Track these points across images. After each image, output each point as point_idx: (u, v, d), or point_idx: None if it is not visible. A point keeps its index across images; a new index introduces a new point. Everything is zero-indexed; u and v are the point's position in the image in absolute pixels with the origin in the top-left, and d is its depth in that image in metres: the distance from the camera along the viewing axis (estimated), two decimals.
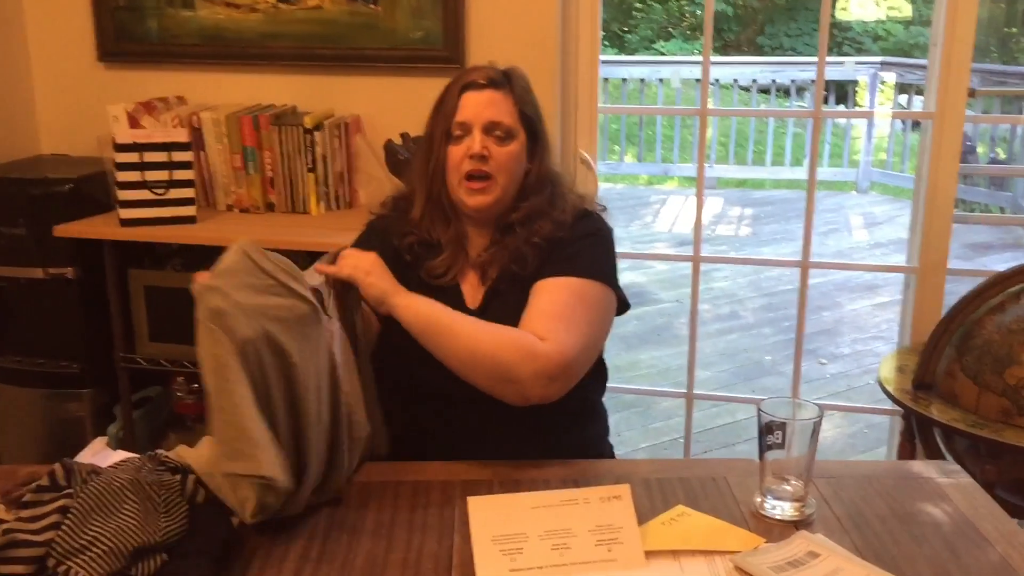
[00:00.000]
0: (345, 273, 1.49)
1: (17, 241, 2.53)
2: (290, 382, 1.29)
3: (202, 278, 1.26)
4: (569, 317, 1.48)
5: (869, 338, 4.92)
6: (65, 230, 2.46)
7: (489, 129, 1.56)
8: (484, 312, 1.59)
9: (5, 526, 1.10)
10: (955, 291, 2.40)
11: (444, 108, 1.60)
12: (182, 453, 1.34)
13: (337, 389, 1.38)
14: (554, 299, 1.51)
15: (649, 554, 1.20)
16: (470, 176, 1.57)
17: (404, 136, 2.53)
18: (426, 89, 1.69)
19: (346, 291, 1.52)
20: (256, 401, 1.24)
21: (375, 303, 1.50)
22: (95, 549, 1.08)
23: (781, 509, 1.31)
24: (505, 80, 1.60)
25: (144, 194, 2.43)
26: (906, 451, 2.41)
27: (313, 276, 1.47)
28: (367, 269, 1.51)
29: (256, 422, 1.23)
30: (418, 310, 1.48)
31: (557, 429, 1.55)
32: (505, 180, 1.58)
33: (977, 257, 5.99)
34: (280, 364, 1.28)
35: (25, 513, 1.12)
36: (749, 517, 1.31)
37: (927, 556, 1.22)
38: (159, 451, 1.32)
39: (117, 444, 2.60)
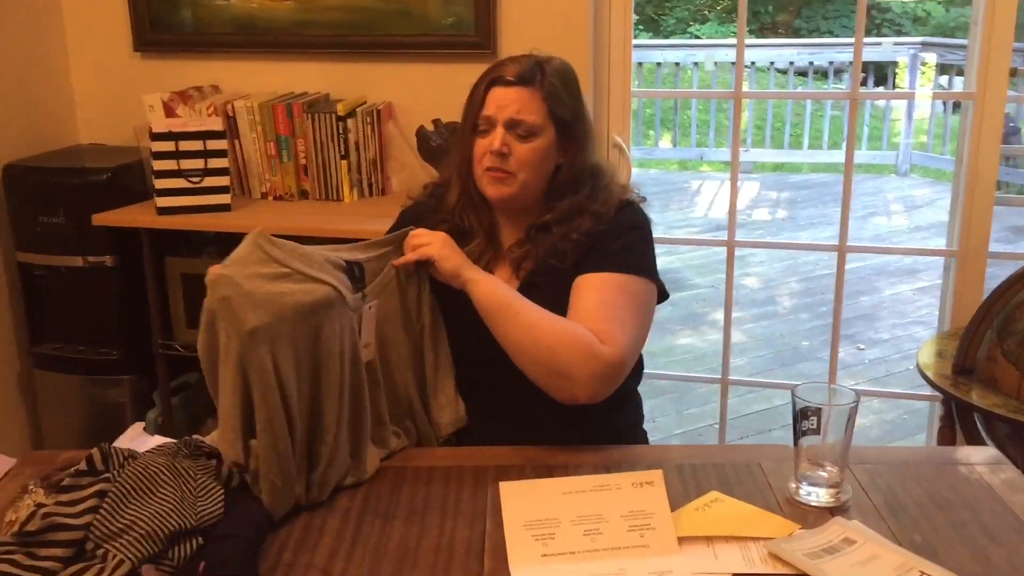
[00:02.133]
0: (423, 253, 1.51)
1: (57, 230, 2.57)
2: (314, 366, 1.31)
3: (214, 268, 1.28)
4: (621, 317, 1.48)
5: (909, 323, 4.86)
6: (103, 219, 2.49)
7: (511, 126, 1.55)
8: None
9: (44, 510, 1.12)
10: (996, 275, 2.36)
11: (473, 101, 1.60)
12: (216, 439, 1.36)
13: (358, 369, 1.39)
14: (604, 297, 1.50)
15: (682, 540, 1.20)
16: (489, 170, 1.57)
17: (436, 122, 2.53)
18: (458, 75, 1.69)
19: (413, 270, 1.54)
20: (256, 392, 1.26)
21: (449, 277, 1.51)
22: (133, 532, 1.10)
23: (816, 495, 1.29)
24: (537, 74, 1.57)
25: (180, 183, 2.45)
26: (946, 437, 2.37)
27: (357, 251, 1.46)
28: (440, 244, 1.52)
29: (239, 410, 1.27)
30: (490, 288, 1.49)
31: (591, 415, 1.54)
32: (526, 176, 1.57)
33: (1019, 240, 5.87)
34: (297, 348, 1.29)
35: (64, 497, 1.14)
36: (784, 503, 1.30)
37: (966, 543, 1.20)
38: (195, 436, 1.34)
39: (156, 430, 2.64)
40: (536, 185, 1.59)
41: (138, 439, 1.48)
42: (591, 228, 1.57)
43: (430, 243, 1.52)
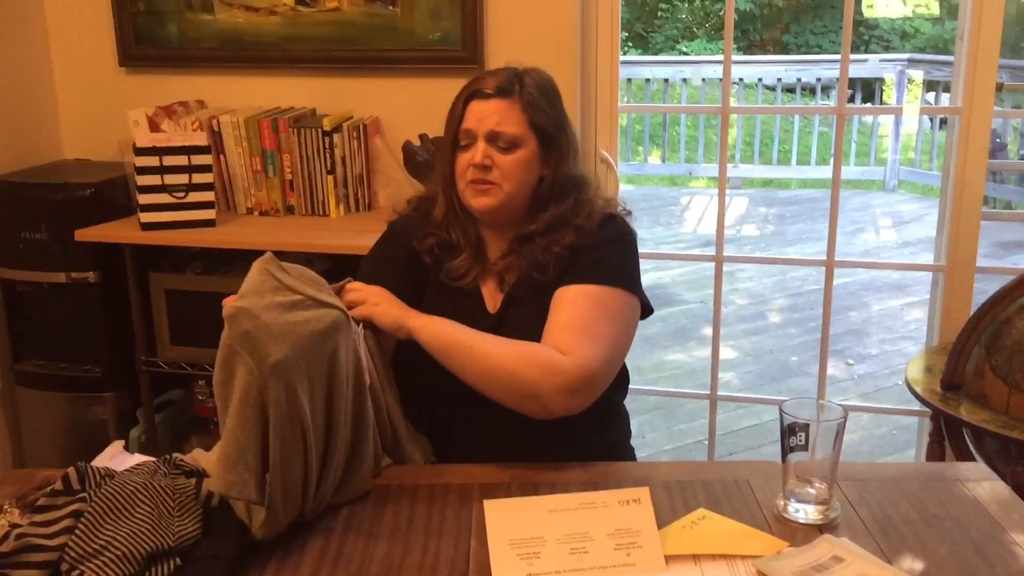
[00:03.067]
0: (358, 313, 1.47)
1: (40, 246, 2.55)
2: (329, 390, 1.30)
3: (231, 301, 1.26)
4: (592, 329, 1.46)
5: (897, 338, 4.86)
6: (86, 234, 2.47)
7: (492, 138, 1.55)
8: (503, 317, 1.57)
9: (19, 531, 1.10)
10: (984, 290, 2.36)
11: (452, 115, 1.59)
12: (198, 457, 1.34)
13: (362, 390, 1.37)
14: (576, 310, 1.49)
15: (669, 558, 1.18)
16: (472, 183, 1.56)
17: (423, 137, 2.52)
18: (444, 90, 1.68)
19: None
20: (273, 426, 1.23)
21: (391, 330, 1.49)
22: (108, 553, 1.08)
23: (805, 512, 1.28)
24: (516, 86, 1.57)
25: (164, 198, 2.43)
26: (935, 453, 2.37)
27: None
28: (375, 300, 1.50)
29: (256, 448, 1.23)
30: (436, 330, 1.47)
31: (577, 432, 1.53)
32: (510, 187, 1.56)
33: (1006, 255, 5.89)
34: (318, 375, 1.27)
35: (39, 517, 1.12)
36: (772, 521, 1.29)
37: (955, 560, 1.19)
38: (175, 454, 1.32)
39: (139, 447, 2.61)
40: (520, 196, 1.58)
41: (118, 457, 1.46)
42: (573, 241, 1.56)
43: (364, 300, 1.49)
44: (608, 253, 1.56)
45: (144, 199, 2.43)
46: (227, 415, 1.24)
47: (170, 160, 2.43)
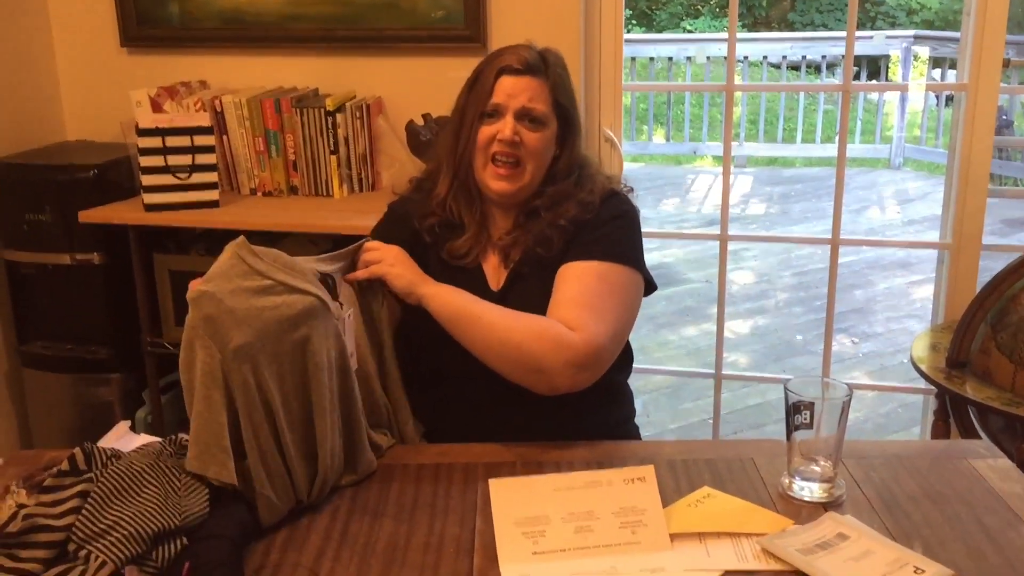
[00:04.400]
0: (373, 271, 1.50)
1: (43, 227, 2.55)
2: (302, 377, 1.29)
3: (196, 284, 1.26)
4: (598, 305, 1.47)
5: (903, 316, 4.85)
6: (90, 216, 2.47)
7: (522, 115, 1.54)
8: (507, 294, 1.57)
9: (26, 511, 1.10)
10: (990, 267, 2.35)
11: (479, 88, 1.57)
12: (195, 460, 1.33)
13: (348, 375, 1.37)
14: (582, 286, 1.49)
15: (674, 536, 1.19)
16: (496, 159, 1.55)
17: (426, 117, 2.51)
18: (448, 69, 1.68)
19: (369, 283, 1.52)
20: (241, 410, 1.24)
21: (403, 294, 1.51)
22: (115, 533, 1.08)
23: (809, 490, 1.28)
24: (542, 65, 1.57)
25: (167, 179, 2.43)
26: (940, 430, 2.37)
27: (322, 263, 1.46)
28: (391, 261, 1.52)
29: (226, 430, 1.23)
30: (446, 299, 1.48)
31: (581, 411, 1.53)
32: (533, 167, 1.57)
33: (1013, 233, 5.87)
34: (289, 361, 1.27)
35: (46, 498, 1.12)
36: (777, 499, 1.29)
37: (960, 537, 1.19)
38: (181, 435, 1.32)
39: (145, 428, 2.62)
40: (539, 176, 1.59)
41: (124, 438, 1.46)
42: (577, 215, 1.56)
43: (381, 259, 1.52)
44: (612, 230, 1.56)
45: (147, 180, 2.43)
46: (192, 397, 1.25)
47: (173, 141, 2.42)
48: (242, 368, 1.23)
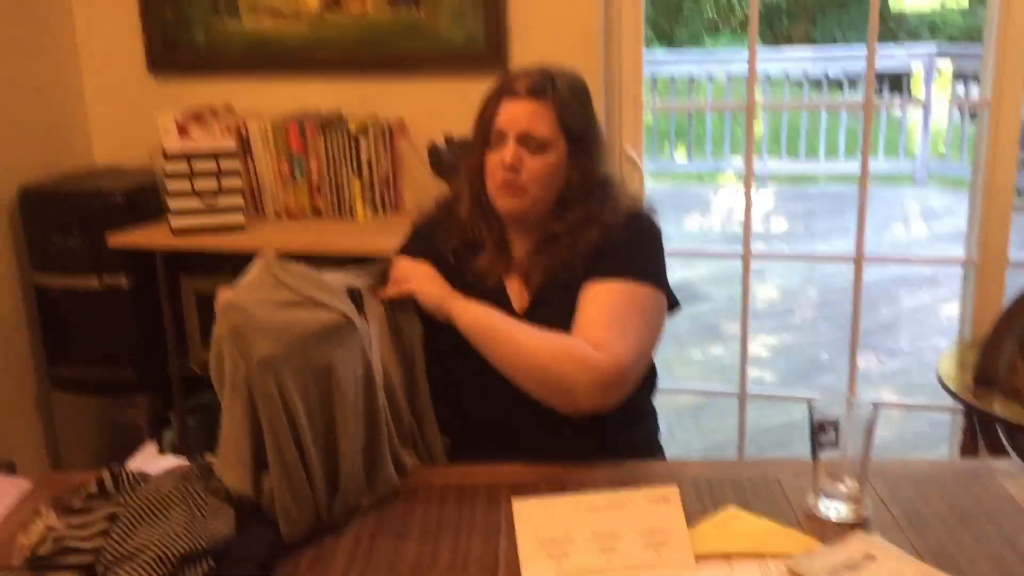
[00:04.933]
0: (403, 289, 1.53)
1: (72, 251, 2.58)
2: (326, 392, 1.30)
3: (225, 294, 1.27)
4: (623, 324, 1.47)
5: (930, 333, 4.81)
6: (118, 240, 2.50)
7: (523, 140, 1.55)
8: (531, 315, 1.57)
9: (55, 533, 1.11)
10: (1016, 283, 2.33)
11: (484, 114, 1.59)
12: (219, 468, 1.34)
13: (373, 393, 1.38)
14: (606, 306, 1.49)
15: (699, 558, 1.18)
16: (501, 185, 1.56)
17: (448, 138, 2.52)
18: (469, 91, 1.68)
19: (399, 299, 1.54)
20: (264, 422, 1.25)
21: (433, 309, 1.52)
22: (143, 556, 1.09)
23: (836, 510, 1.27)
24: (548, 88, 1.56)
25: (194, 203, 2.46)
26: (969, 449, 2.34)
27: (351, 278, 1.47)
28: (421, 278, 1.54)
29: (247, 442, 1.25)
30: (475, 316, 1.49)
31: (605, 430, 1.53)
32: (536, 190, 1.56)
33: None
34: (313, 376, 1.28)
35: (75, 520, 1.13)
36: (803, 519, 1.28)
37: (990, 558, 1.18)
38: (208, 457, 1.33)
39: (172, 450, 2.64)
40: (546, 198, 1.58)
41: (151, 459, 1.48)
42: (600, 239, 1.56)
43: (411, 277, 1.55)
44: (636, 249, 1.57)
45: (174, 204, 2.46)
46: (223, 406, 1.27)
47: (199, 165, 2.46)
48: (266, 380, 1.24)
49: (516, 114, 1.55)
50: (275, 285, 1.30)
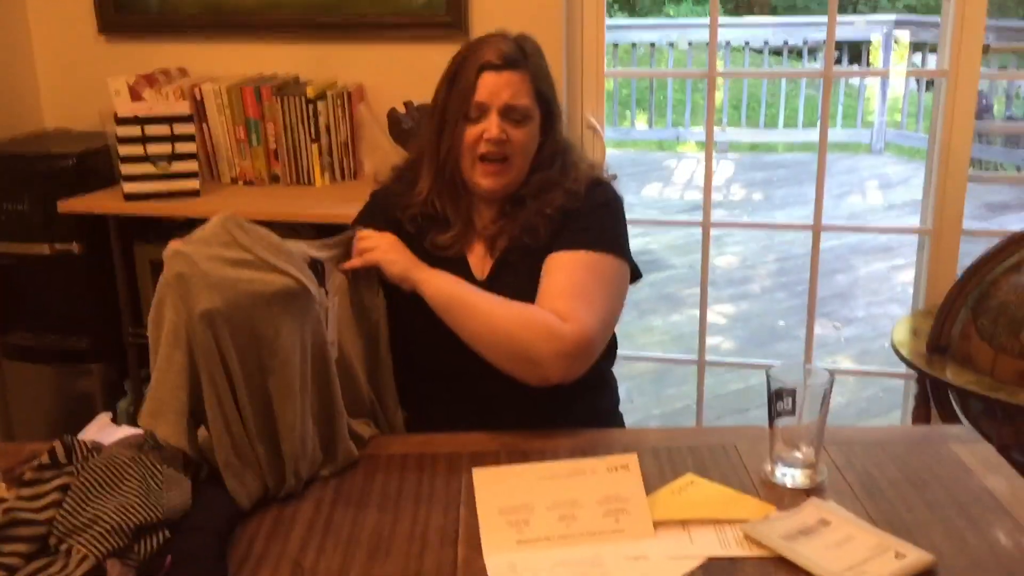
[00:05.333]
0: (368, 259, 1.51)
1: (22, 217, 2.52)
2: (265, 355, 1.28)
3: (175, 244, 1.26)
4: (587, 295, 1.47)
5: (884, 301, 4.88)
6: (69, 206, 2.45)
7: (506, 112, 1.53)
8: (493, 282, 1.57)
9: (5, 505, 1.09)
10: (971, 252, 2.36)
11: (460, 86, 1.55)
12: (146, 417, 1.32)
13: (327, 363, 1.37)
14: (570, 276, 1.49)
15: (657, 524, 1.19)
16: (484, 158, 1.54)
17: (408, 104, 2.49)
18: (429, 56, 1.66)
19: (364, 272, 1.53)
20: (204, 375, 1.24)
21: (398, 280, 1.51)
22: (97, 527, 1.07)
23: (792, 477, 1.29)
24: (521, 57, 1.56)
25: (147, 168, 2.41)
26: (921, 415, 2.38)
27: (314, 249, 1.45)
28: (386, 248, 1.53)
29: (185, 393, 1.24)
30: (440, 286, 1.48)
31: (565, 400, 1.53)
32: (521, 161, 1.56)
33: (993, 217, 5.91)
34: (250, 337, 1.26)
35: (26, 491, 1.11)
36: (759, 485, 1.29)
37: (941, 522, 1.20)
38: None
39: (127, 419, 2.61)
40: (526, 168, 1.58)
41: (105, 430, 1.45)
42: (564, 204, 1.56)
43: (375, 247, 1.53)
44: (598, 219, 1.56)
45: (127, 169, 2.41)
46: (156, 355, 1.26)
47: (152, 130, 2.40)
48: (206, 333, 1.22)
49: (498, 86, 1.53)
50: (228, 243, 1.28)
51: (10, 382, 2.74)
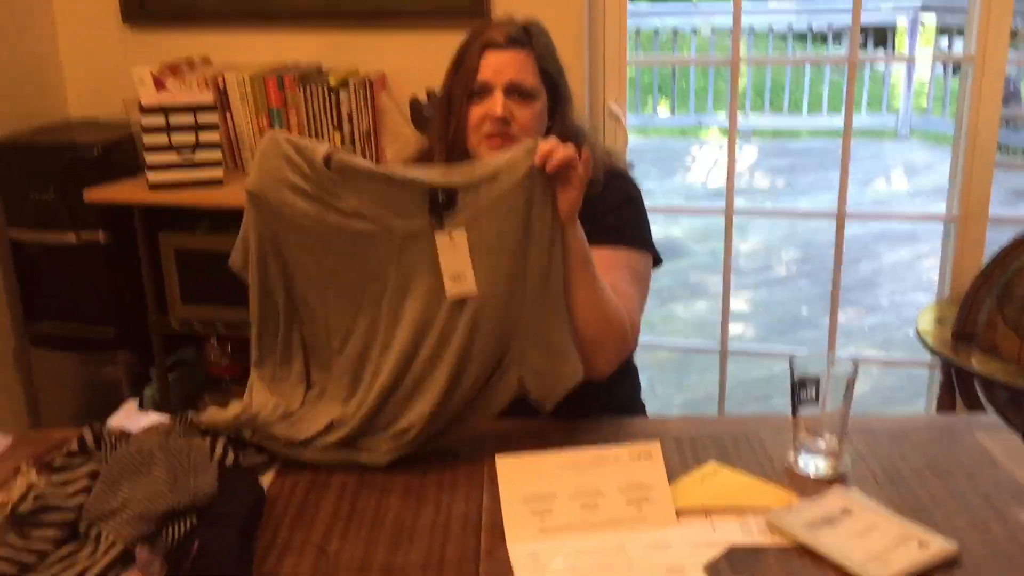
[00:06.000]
0: (564, 158, 1.30)
1: (48, 206, 2.55)
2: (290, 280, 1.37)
3: (280, 132, 1.36)
4: (632, 295, 1.49)
5: (909, 289, 4.84)
6: (95, 195, 2.47)
7: (510, 90, 1.53)
8: None
9: (36, 491, 1.11)
10: (997, 239, 2.34)
11: (464, 67, 1.56)
12: (214, 415, 1.34)
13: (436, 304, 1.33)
14: (617, 275, 1.49)
15: (680, 512, 1.19)
16: (489, 136, 1.54)
17: (429, 93, 2.49)
18: (450, 44, 1.66)
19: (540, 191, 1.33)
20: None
21: (572, 211, 1.33)
22: (125, 513, 1.09)
23: (815, 466, 1.28)
24: (526, 37, 1.56)
25: (171, 157, 2.43)
26: (946, 403, 2.37)
27: (448, 175, 1.34)
28: (586, 165, 1.33)
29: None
30: (585, 239, 1.37)
31: (591, 389, 1.52)
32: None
33: (1020, 204, 5.85)
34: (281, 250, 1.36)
35: (56, 478, 1.13)
36: (783, 474, 1.29)
37: (965, 511, 1.19)
38: (189, 412, 1.33)
39: (152, 406, 2.64)
40: None
41: (132, 416, 1.47)
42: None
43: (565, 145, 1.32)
44: (626, 214, 1.58)
45: (151, 159, 2.42)
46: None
47: (176, 119, 2.42)
48: (249, 209, 1.37)
49: (501, 64, 1.53)
50: (313, 174, 1.33)
51: (37, 370, 2.78)
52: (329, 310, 1.37)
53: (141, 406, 1.54)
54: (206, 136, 2.45)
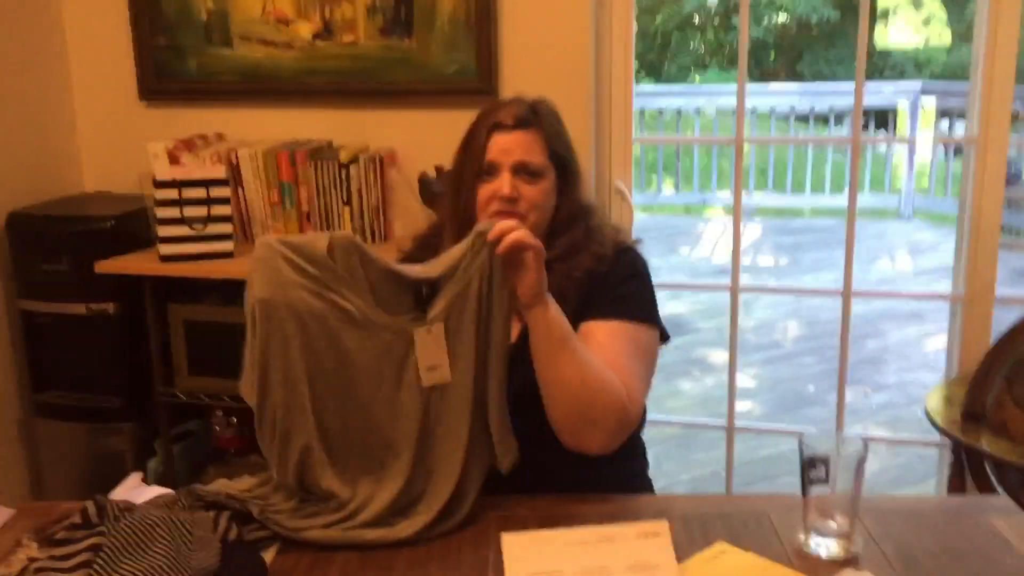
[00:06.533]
0: (519, 237, 1.32)
1: (60, 277, 2.57)
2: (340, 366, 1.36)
3: (269, 237, 1.37)
4: (635, 369, 1.48)
5: (915, 367, 4.82)
6: (106, 266, 2.49)
7: (518, 170, 1.55)
8: (523, 347, 1.56)
9: (37, 564, 1.10)
10: (1004, 319, 2.34)
11: (473, 147, 1.58)
12: (222, 488, 1.34)
13: (419, 393, 1.38)
14: (617, 347, 1.49)
15: None
16: (499, 214, 1.55)
17: (438, 169, 2.53)
18: (460, 121, 1.69)
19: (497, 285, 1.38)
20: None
21: (532, 292, 1.35)
22: None
23: (826, 547, 1.27)
24: (534, 118, 1.58)
25: (183, 230, 2.45)
26: (956, 484, 2.34)
27: (426, 269, 1.39)
28: (539, 249, 1.35)
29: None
30: (558, 314, 1.39)
31: (597, 465, 1.51)
32: (536, 217, 1.57)
33: (1023, 283, 5.86)
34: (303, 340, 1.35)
35: (57, 551, 1.12)
36: (793, 555, 1.27)
37: None
38: (195, 486, 1.32)
39: (156, 479, 2.61)
40: (542, 227, 1.59)
41: (136, 489, 1.46)
42: (592, 267, 1.56)
43: (519, 228, 1.35)
44: (633, 288, 1.58)
45: (163, 231, 2.45)
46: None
47: (189, 192, 2.45)
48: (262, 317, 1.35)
49: (509, 145, 1.56)
50: (327, 269, 1.35)
51: (42, 440, 2.76)
52: (325, 405, 1.37)
53: (145, 479, 1.53)
54: (218, 209, 2.48)
